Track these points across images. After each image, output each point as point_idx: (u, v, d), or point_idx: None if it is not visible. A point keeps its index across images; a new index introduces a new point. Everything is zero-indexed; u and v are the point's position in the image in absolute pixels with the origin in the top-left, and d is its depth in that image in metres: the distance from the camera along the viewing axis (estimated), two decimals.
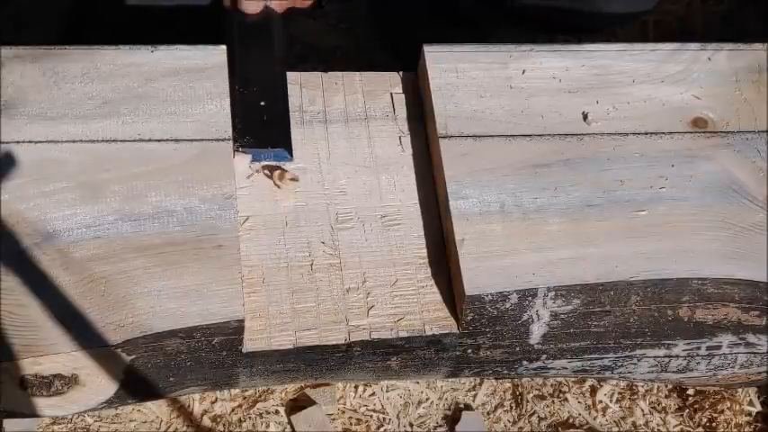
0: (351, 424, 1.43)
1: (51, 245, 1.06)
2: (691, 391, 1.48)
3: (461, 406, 1.47)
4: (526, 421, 1.46)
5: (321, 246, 1.15)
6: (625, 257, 1.13)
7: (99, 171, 1.11)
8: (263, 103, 1.20)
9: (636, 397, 1.48)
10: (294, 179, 1.16)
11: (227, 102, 1.17)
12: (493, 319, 1.11)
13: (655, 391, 1.49)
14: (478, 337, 1.12)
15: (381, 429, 1.43)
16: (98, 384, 1.06)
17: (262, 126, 1.18)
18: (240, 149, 1.17)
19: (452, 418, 1.46)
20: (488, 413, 1.46)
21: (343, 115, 1.23)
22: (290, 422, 1.42)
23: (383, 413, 1.45)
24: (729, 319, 1.16)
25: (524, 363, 1.16)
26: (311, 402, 1.43)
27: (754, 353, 1.19)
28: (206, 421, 1.41)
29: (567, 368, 1.18)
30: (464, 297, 1.09)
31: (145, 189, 1.11)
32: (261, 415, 1.42)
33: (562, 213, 1.16)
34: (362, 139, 1.22)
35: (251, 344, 1.09)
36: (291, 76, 1.25)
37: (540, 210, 1.15)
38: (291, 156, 1.18)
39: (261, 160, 1.18)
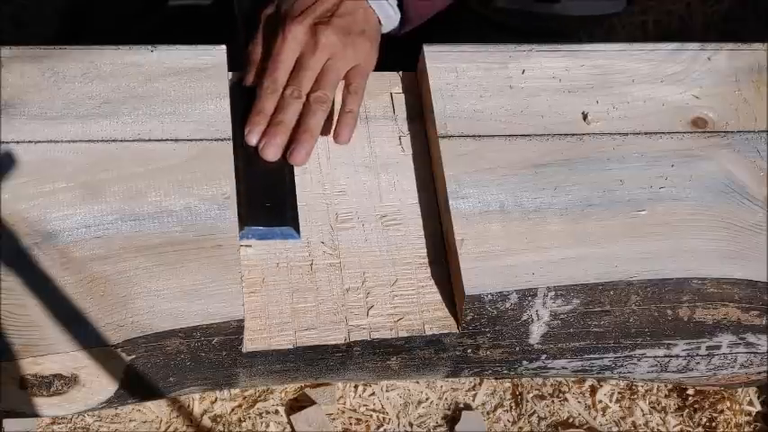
0: (351, 424, 1.43)
1: (51, 245, 1.06)
2: (690, 391, 1.49)
3: (461, 406, 1.47)
4: (526, 421, 1.46)
5: (321, 246, 1.15)
6: (625, 257, 1.13)
7: (99, 171, 1.11)
8: (268, 182, 1.16)
9: (636, 397, 1.48)
10: None
11: (226, 102, 1.17)
12: (493, 319, 1.11)
13: (655, 391, 1.49)
14: (478, 337, 1.13)
15: (381, 429, 1.44)
16: (98, 384, 1.06)
17: (268, 205, 1.15)
18: (246, 229, 1.13)
19: (452, 417, 1.46)
20: (488, 413, 1.47)
21: None
22: (289, 422, 1.42)
23: (383, 413, 1.45)
24: (729, 319, 1.16)
25: (524, 363, 1.16)
26: (311, 402, 1.43)
27: (754, 353, 1.19)
28: (206, 421, 1.41)
29: (566, 368, 1.18)
30: (464, 297, 1.09)
31: (145, 189, 1.11)
32: (261, 415, 1.43)
33: (562, 213, 1.16)
34: (362, 139, 1.22)
35: (251, 344, 1.09)
36: None
37: (539, 210, 1.15)
38: (299, 234, 1.15)
39: (268, 239, 1.14)
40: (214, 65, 1.19)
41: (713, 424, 1.47)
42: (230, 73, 1.20)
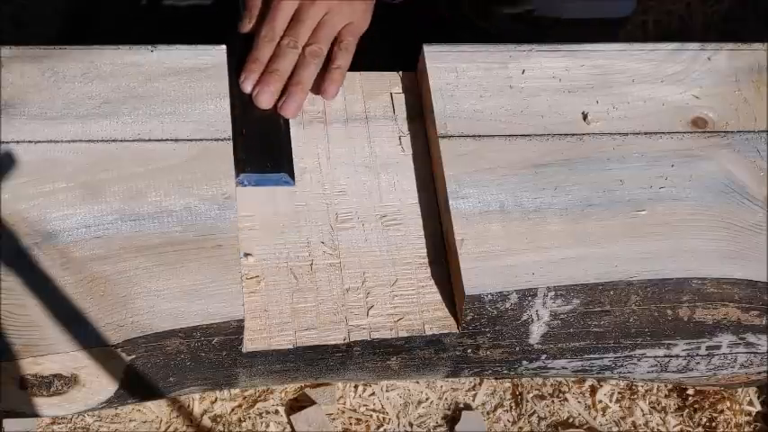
0: (351, 424, 1.43)
1: (51, 245, 1.06)
2: (690, 391, 1.49)
3: (461, 406, 1.47)
4: (526, 421, 1.46)
5: (321, 246, 1.15)
6: (625, 257, 1.13)
7: (99, 171, 1.11)
8: (263, 130, 1.18)
9: (636, 397, 1.48)
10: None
11: (226, 102, 1.17)
12: (493, 319, 1.11)
13: (655, 391, 1.49)
14: (478, 337, 1.13)
15: (381, 429, 1.44)
16: (98, 384, 1.06)
17: (263, 151, 1.17)
18: (242, 175, 1.14)
19: (452, 417, 1.46)
20: (488, 413, 1.46)
21: (343, 115, 1.23)
22: (289, 422, 1.42)
23: (383, 413, 1.45)
24: (729, 319, 1.16)
25: (524, 363, 1.16)
26: (311, 402, 1.43)
27: (754, 353, 1.19)
28: (206, 421, 1.41)
29: (566, 368, 1.18)
30: (464, 297, 1.09)
31: (145, 189, 1.11)
32: (261, 415, 1.43)
33: (562, 213, 1.16)
34: (362, 139, 1.22)
35: (251, 344, 1.09)
36: None
37: (539, 209, 1.15)
38: (294, 181, 1.17)
39: (263, 185, 1.16)
40: (214, 65, 1.19)
41: (713, 424, 1.47)
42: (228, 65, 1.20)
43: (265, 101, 1.18)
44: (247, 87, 1.18)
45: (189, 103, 1.17)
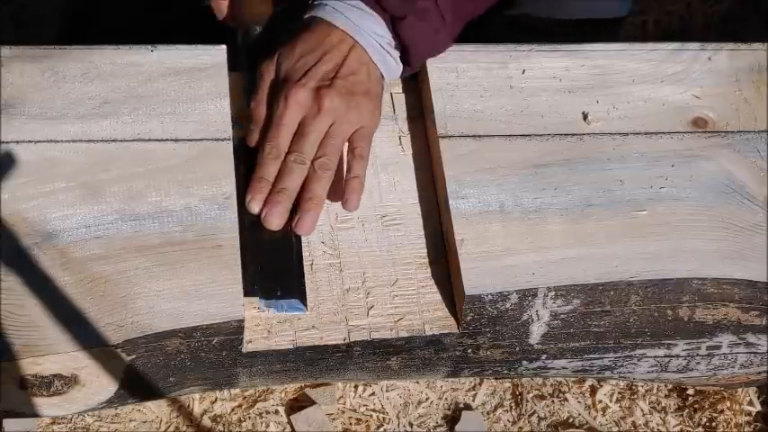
0: (351, 424, 1.43)
1: (51, 245, 1.06)
2: (691, 391, 1.49)
3: (461, 406, 1.47)
4: (526, 421, 1.46)
5: (321, 246, 1.15)
6: (625, 257, 1.13)
7: (99, 171, 1.11)
8: (274, 250, 1.12)
9: (636, 397, 1.49)
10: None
11: (227, 102, 1.17)
12: (493, 319, 1.11)
13: (655, 391, 1.49)
14: (478, 337, 1.13)
15: (381, 429, 1.44)
16: (98, 384, 1.06)
17: (274, 275, 1.11)
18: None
19: (452, 417, 1.46)
20: (488, 413, 1.47)
21: None
22: (289, 422, 1.42)
23: (383, 413, 1.45)
24: (729, 319, 1.16)
25: (524, 363, 1.16)
26: (311, 402, 1.43)
27: (754, 353, 1.19)
28: (206, 421, 1.41)
29: (566, 368, 1.18)
30: (464, 297, 1.09)
31: (145, 189, 1.11)
32: (261, 415, 1.43)
33: (562, 213, 1.16)
34: None
35: (251, 344, 1.09)
36: None
37: (540, 210, 1.15)
38: (306, 306, 1.11)
39: (274, 311, 1.11)
40: (214, 65, 1.19)
41: (713, 424, 1.47)
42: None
43: (274, 222, 1.11)
44: (254, 209, 1.11)
45: (189, 103, 1.17)
